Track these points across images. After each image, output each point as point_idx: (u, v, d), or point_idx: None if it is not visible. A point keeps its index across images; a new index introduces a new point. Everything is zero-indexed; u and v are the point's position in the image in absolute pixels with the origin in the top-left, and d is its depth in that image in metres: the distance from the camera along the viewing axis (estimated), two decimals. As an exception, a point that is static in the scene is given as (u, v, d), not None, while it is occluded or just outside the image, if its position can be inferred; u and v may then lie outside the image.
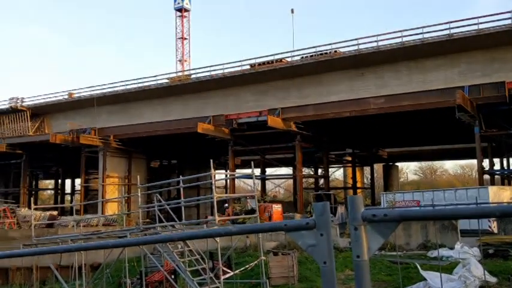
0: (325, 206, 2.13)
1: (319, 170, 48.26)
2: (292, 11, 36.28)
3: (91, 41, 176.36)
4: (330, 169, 45.53)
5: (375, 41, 30.99)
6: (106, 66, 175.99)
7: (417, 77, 30.95)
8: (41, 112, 45.94)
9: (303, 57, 34.31)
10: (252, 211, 28.40)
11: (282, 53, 34.94)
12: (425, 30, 29.44)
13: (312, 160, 46.10)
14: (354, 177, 50.39)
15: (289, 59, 34.67)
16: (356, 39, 31.58)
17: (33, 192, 56.84)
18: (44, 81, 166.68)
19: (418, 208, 25.41)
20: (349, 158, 51.41)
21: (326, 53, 33.06)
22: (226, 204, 33.19)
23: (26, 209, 39.84)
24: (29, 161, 47.73)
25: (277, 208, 28.98)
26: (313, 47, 33.57)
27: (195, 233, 2.33)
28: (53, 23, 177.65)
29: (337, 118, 33.70)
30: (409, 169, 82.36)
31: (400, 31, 30.21)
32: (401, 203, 30.15)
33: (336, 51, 32.83)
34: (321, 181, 44.79)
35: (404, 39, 30.03)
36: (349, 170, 53.72)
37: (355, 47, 31.68)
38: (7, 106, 46.14)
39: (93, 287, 18.54)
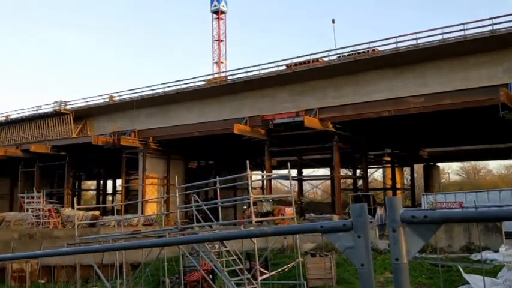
0: (363, 208, 2.09)
1: (358, 171, 47.63)
2: (333, 21, 35.72)
3: (129, 44, 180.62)
4: (368, 170, 44.85)
5: (414, 39, 30.29)
6: (145, 68, 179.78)
7: (459, 74, 30.05)
8: (83, 115, 47.35)
9: (339, 56, 33.96)
10: (268, 213, 28.62)
11: (318, 53, 34.70)
12: (466, 26, 28.56)
13: (350, 161, 45.52)
14: (393, 178, 49.42)
15: (325, 59, 34.37)
16: (394, 37, 31.01)
17: (76, 193, 58.64)
18: (86, 84, 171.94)
19: (459, 209, 24.69)
20: (389, 158, 50.48)
21: (364, 52, 32.59)
22: (245, 207, 33.75)
23: (70, 209, 41.12)
24: (72, 162, 49.29)
25: (289, 211, 29.56)
26: (351, 46, 33.20)
27: (231, 234, 2.33)
28: (91, 28, 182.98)
29: (376, 118, 33.14)
30: (451, 169, 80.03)
31: (441, 28, 29.44)
32: (443, 204, 29.39)
33: (374, 50, 32.31)
34: (360, 182, 44.18)
35: (445, 36, 29.23)
36: (389, 171, 52.74)
37: (394, 45, 31.09)
38: (51, 110, 47.85)
39: (134, 285, 18.94)
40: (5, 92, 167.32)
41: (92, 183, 75.11)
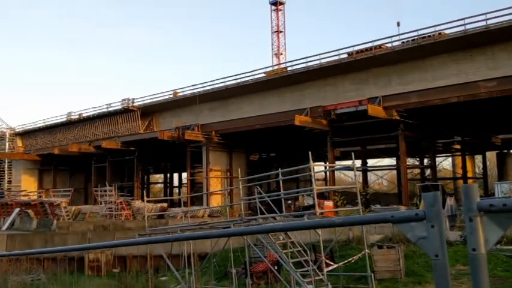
0: (436, 196, 2.02)
1: (425, 160, 45.99)
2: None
3: (188, 38, 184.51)
4: (436, 158, 43.18)
5: (484, 20, 28.65)
6: (205, 62, 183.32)
7: (535, 55, 28.11)
8: (149, 111, 49.08)
9: (404, 42, 32.79)
10: (309, 207, 28.33)
11: (381, 39, 33.65)
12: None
13: (416, 149, 44.02)
14: (463, 167, 47.24)
15: (389, 45, 33.34)
16: (462, 19, 29.47)
17: (145, 186, 61.11)
18: (151, 81, 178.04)
19: (539, 199, 23.15)
20: (458, 146, 48.33)
21: (429, 36, 31.25)
22: (289, 201, 34.05)
23: (140, 201, 42.95)
24: (140, 157, 51.32)
25: (328, 204, 29.47)
26: (415, 31, 31.92)
27: (298, 224, 2.32)
28: (150, 23, 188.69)
29: (444, 104, 31.79)
30: (527, 157, 75.06)
31: (512, 7, 27.63)
32: (519, 193, 27.72)
33: (440, 33, 30.92)
34: (428, 171, 42.64)
35: (518, 15, 27.41)
36: (459, 159, 50.47)
37: (462, 28, 29.58)
38: (120, 107, 50.01)
39: (201, 275, 19.45)
40: (78, 92, 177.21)
41: (159, 177, 77.93)
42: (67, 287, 17.94)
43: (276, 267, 17.05)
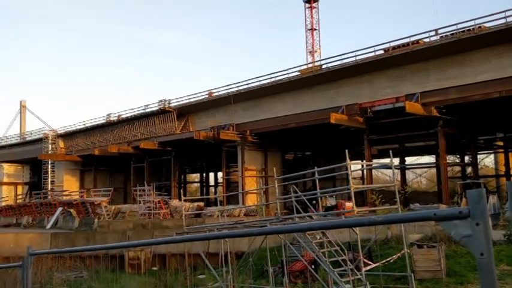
0: (481, 194, 1.97)
1: (466, 157, 44.69)
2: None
3: (221, 38, 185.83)
4: (478, 156, 41.91)
5: (527, 11, 27.62)
6: (240, 61, 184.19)
7: None
8: (185, 112, 49.69)
9: (442, 36, 31.97)
10: (331, 208, 27.95)
11: (418, 34, 32.91)
12: None
13: (457, 146, 42.83)
14: (507, 164, 45.61)
15: (426, 40, 32.57)
16: (503, 11, 28.47)
17: (182, 185, 61.88)
18: (187, 82, 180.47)
19: None
20: (501, 143, 46.68)
21: (469, 30, 30.34)
22: (314, 202, 33.82)
23: (177, 200, 43.57)
24: (177, 157, 52.07)
25: (349, 205, 29.03)
26: (454, 25, 31.07)
27: (337, 223, 2.29)
28: (185, 26, 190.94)
29: (485, 100, 30.80)
30: None
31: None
32: None
33: (480, 27, 29.96)
34: (468, 169, 41.42)
35: None
36: (501, 156, 48.77)
37: (503, 21, 28.57)
38: (157, 108, 50.89)
39: (238, 274, 19.56)
40: (117, 93, 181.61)
41: (195, 176, 78.77)
42: (108, 284, 18.41)
43: (313, 267, 16.96)
